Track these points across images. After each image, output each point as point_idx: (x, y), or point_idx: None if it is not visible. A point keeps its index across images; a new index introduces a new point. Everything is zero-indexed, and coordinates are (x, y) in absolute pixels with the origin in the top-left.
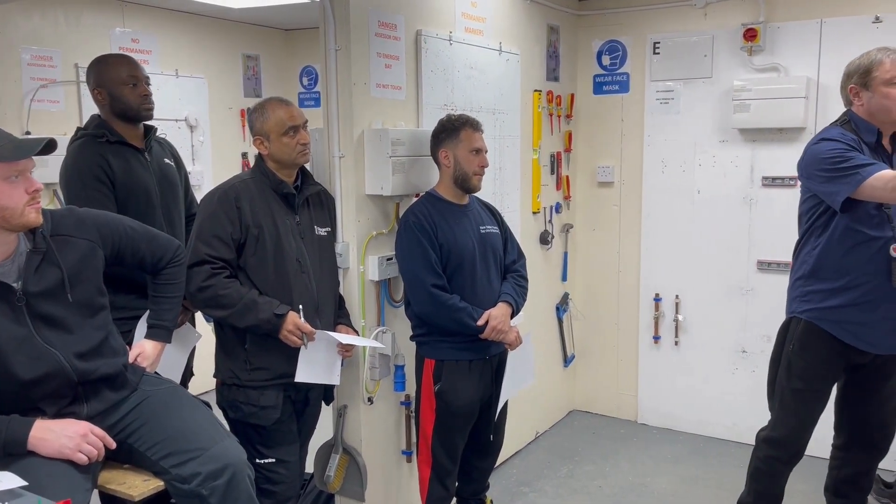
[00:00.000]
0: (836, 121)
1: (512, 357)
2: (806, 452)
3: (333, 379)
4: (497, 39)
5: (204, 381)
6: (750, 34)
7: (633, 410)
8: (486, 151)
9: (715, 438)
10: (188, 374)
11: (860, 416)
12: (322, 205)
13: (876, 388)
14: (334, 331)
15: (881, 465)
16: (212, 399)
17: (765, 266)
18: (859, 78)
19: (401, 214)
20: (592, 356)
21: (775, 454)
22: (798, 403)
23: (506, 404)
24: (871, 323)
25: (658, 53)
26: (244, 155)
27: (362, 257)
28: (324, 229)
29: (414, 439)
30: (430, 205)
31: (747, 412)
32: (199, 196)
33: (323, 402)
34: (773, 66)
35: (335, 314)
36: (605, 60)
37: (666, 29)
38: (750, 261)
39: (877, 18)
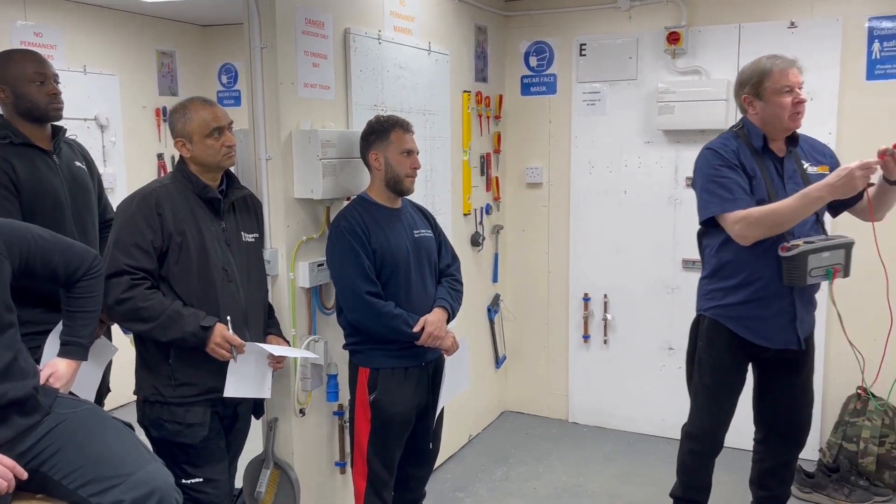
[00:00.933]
0: (733, 126)
1: (449, 363)
2: (733, 445)
3: (264, 392)
4: (426, 39)
5: (120, 396)
6: (673, 37)
7: (564, 410)
8: (418, 153)
9: (644, 435)
10: (104, 389)
11: (772, 410)
12: (249, 210)
13: (784, 382)
14: (264, 342)
15: (802, 455)
16: (131, 416)
17: (689, 265)
18: (752, 88)
19: (332, 219)
20: (524, 357)
21: (695, 448)
22: (710, 398)
23: (442, 410)
24: (766, 319)
25: (584, 55)
26: (160, 156)
27: (292, 264)
28: (251, 235)
29: (348, 450)
30: (362, 209)
31: (675, 408)
32: (113, 201)
33: (253, 416)
34: (696, 69)
35: (265, 324)
36: (533, 62)
37: (592, 31)
38: (675, 260)
39: (792, 24)
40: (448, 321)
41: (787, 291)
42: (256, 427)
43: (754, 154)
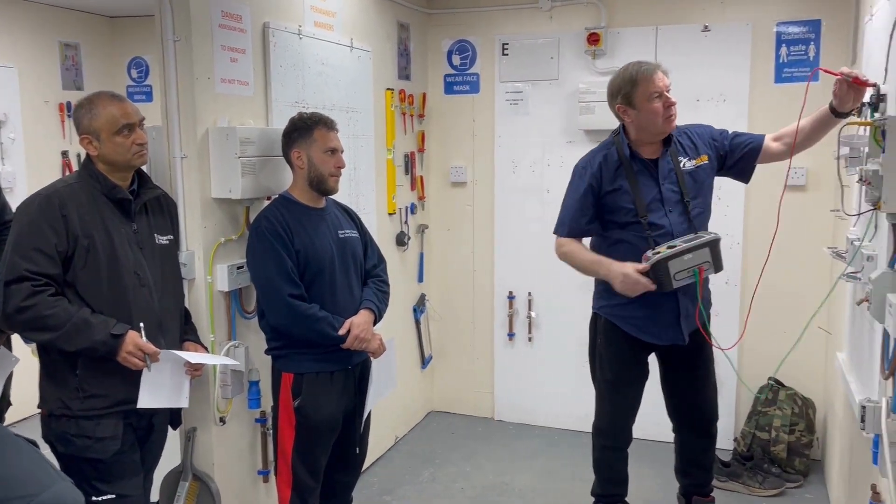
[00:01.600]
0: (613, 132)
1: (376, 365)
2: (655, 438)
3: (181, 402)
4: (348, 35)
5: (22, 410)
6: (593, 38)
7: (490, 408)
8: (343, 151)
9: (569, 430)
10: (5, 403)
11: (677, 402)
12: (162, 210)
13: (683, 375)
14: (180, 349)
15: (719, 445)
16: (35, 432)
17: None
18: (623, 98)
19: (252, 219)
20: (449, 356)
21: (606, 443)
22: (612, 394)
23: (369, 414)
24: (651, 317)
25: (507, 55)
26: (64, 154)
27: (209, 267)
28: (165, 237)
29: (272, 458)
30: (283, 208)
31: None
32: (12, 202)
33: (170, 427)
34: (615, 70)
35: (181, 330)
36: (456, 60)
37: (514, 30)
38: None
39: (705, 27)
40: (375, 323)
41: (669, 290)
42: (174, 438)
43: (625, 163)
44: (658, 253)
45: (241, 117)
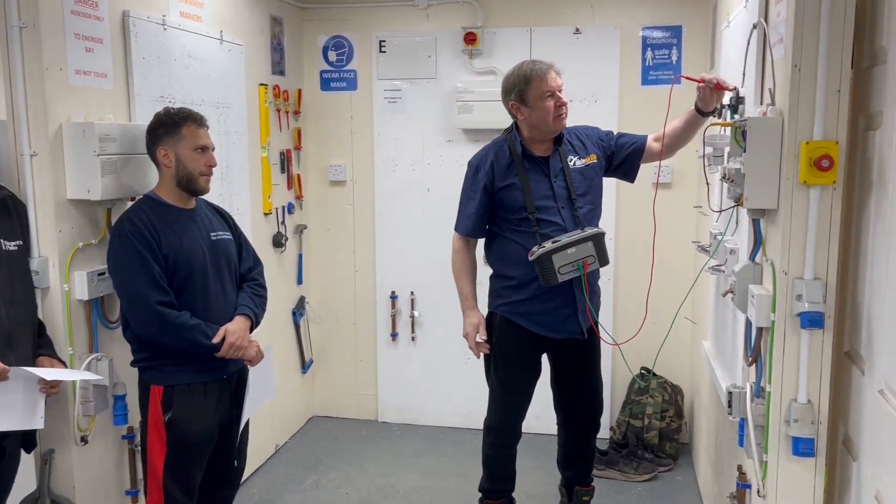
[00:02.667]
0: (505, 129)
1: (253, 373)
2: (537, 431)
3: (35, 422)
4: (217, 27)
5: None
6: (470, 38)
7: (373, 410)
8: (214, 149)
9: (453, 428)
10: None
11: (567, 396)
12: (9, 214)
13: (575, 369)
14: (33, 365)
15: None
16: None
17: None
18: (516, 95)
19: (114, 222)
20: (331, 359)
21: (496, 440)
22: (505, 392)
23: (247, 424)
24: (551, 312)
25: (384, 52)
26: None
27: (66, 274)
28: (13, 243)
29: (140, 476)
30: (149, 210)
31: (481, 399)
32: None
33: (23, 451)
34: (492, 70)
35: (34, 345)
36: (332, 56)
37: (391, 28)
38: (478, 255)
39: (577, 30)
40: (252, 329)
41: (566, 285)
42: (28, 461)
43: (517, 160)
44: (542, 248)
45: (100, 112)
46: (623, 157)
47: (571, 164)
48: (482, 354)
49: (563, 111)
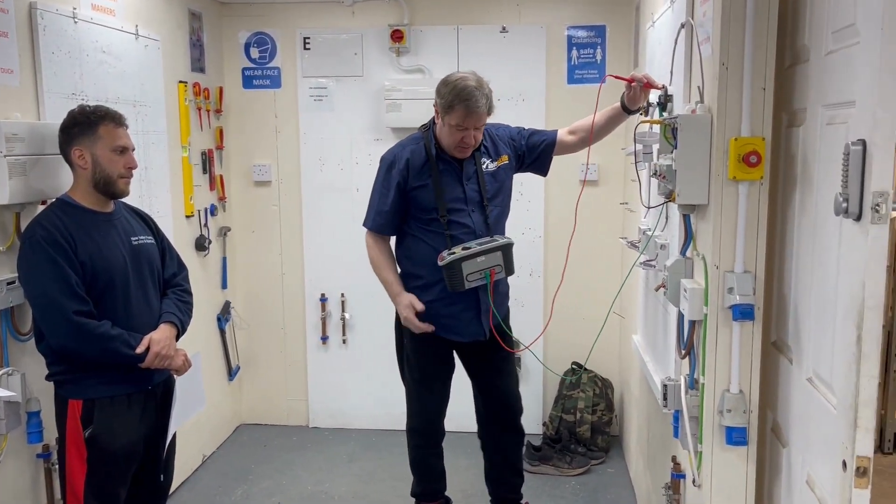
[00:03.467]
0: (422, 126)
1: (181, 383)
2: (465, 429)
3: None
4: (132, 22)
5: None
6: (397, 35)
7: (303, 416)
8: (134, 150)
9: (387, 430)
10: None
11: (478, 396)
12: None
13: (486, 370)
14: None
15: (530, 431)
16: None
17: None
18: (441, 106)
19: (24, 227)
20: (259, 365)
21: (420, 441)
22: (420, 393)
23: (174, 436)
24: (454, 314)
25: (309, 49)
26: None
27: None
28: None
29: (59, 496)
30: (63, 214)
31: None
32: None
33: None
34: (419, 68)
35: None
36: (254, 53)
37: (315, 24)
38: None
39: (503, 29)
40: (178, 337)
41: (471, 288)
42: None
43: (432, 161)
44: (453, 254)
45: (6, 110)
46: (536, 155)
47: (484, 166)
48: (396, 358)
49: (466, 145)
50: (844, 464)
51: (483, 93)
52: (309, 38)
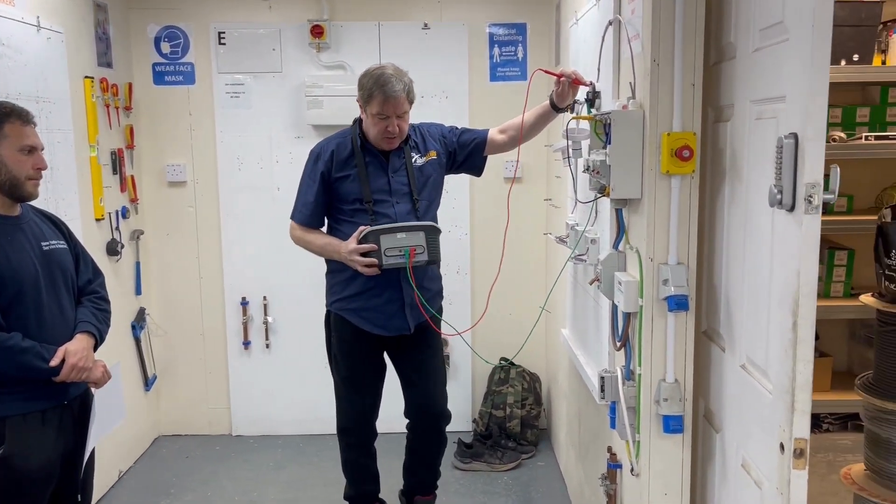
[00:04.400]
0: (355, 119)
1: (100, 396)
2: (400, 430)
3: None
4: (33, 13)
5: None
6: (316, 31)
7: (226, 424)
8: (43, 149)
9: (314, 435)
10: None
11: (406, 394)
12: None
13: (412, 368)
14: None
15: (461, 428)
16: None
17: None
18: (362, 98)
19: None
20: (177, 373)
21: (348, 441)
22: (349, 391)
23: (92, 453)
24: (378, 308)
25: (224, 44)
26: None
27: None
28: None
29: None
30: None
31: None
32: None
33: None
34: (340, 65)
35: None
36: (165, 48)
37: (230, 19)
38: None
39: (425, 25)
40: (95, 347)
41: (394, 280)
42: None
43: (357, 152)
44: (372, 228)
45: None
46: (467, 154)
47: (413, 160)
48: (327, 357)
49: (391, 135)
50: (782, 446)
51: (401, 80)
52: (224, 32)
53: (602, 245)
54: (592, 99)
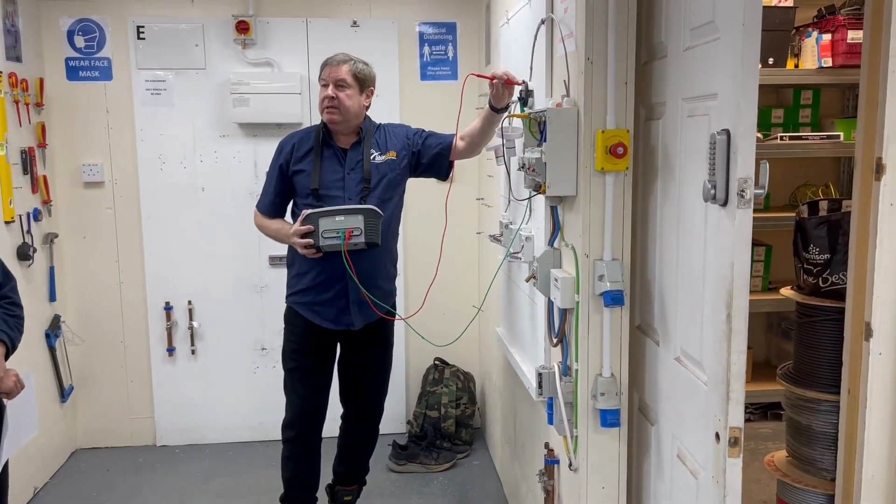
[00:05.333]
0: None
1: (12, 408)
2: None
3: None
4: None
5: None
6: (242, 27)
7: (150, 434)
8: None
9: (243, 443)
10: None
11: (344, 390)
12: None
13: (356, 364)
14: None
15: (395, 430)
16: None
17: (276, 261)
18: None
19: None
20: (96, 383)
21: (290, 436)
22: (295, 383)
23: (5, 467)
24: (327, 302)
25: (143, 39)
26: None
27: None
28: None
29: None
30: None
31: (272, 408)
32: None
33: None
34: (267, 62)
35: None
36: (80, 42)
37: (149, 12)
38: (262, 257)
39: (354, 23)
40: (7, 356)
41: (341, 275)
42: None
43: (317, 146)
44: (313, 210)
45: None
46: (432, 156)
47: (371, 157)
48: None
49: (330, 104)
50: (717, 436)
51: (349, 56)
52: (143, 26)
53: (537, 243)
54: (525, 97)
